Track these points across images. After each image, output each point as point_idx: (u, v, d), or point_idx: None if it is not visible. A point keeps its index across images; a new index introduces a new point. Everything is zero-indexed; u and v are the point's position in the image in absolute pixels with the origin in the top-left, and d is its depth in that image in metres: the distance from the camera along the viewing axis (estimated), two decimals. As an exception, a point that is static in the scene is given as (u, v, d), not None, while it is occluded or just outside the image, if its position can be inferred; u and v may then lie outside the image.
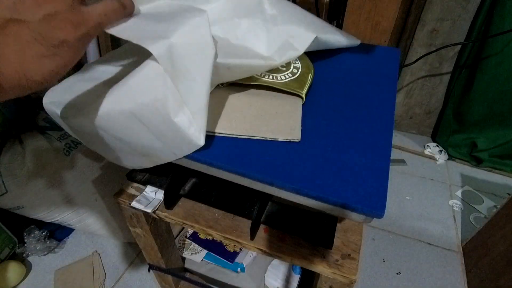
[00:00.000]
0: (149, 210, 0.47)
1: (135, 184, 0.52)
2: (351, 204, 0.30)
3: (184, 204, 0.50)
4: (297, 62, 0.48)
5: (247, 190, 0.37)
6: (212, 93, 0.44)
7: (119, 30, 0.29)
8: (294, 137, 0.36)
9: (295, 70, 0.47)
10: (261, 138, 0.37)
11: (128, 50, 0.50)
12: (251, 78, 0.44)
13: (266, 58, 0.42)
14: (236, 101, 0.43)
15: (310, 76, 0.47)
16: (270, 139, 0.37)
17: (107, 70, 0.44)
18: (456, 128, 1.43)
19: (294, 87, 0.44)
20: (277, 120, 0.39)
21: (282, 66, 0.46)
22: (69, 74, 0.37)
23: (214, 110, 0.41)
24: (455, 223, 1.15)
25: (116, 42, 1.64)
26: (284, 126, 0.38)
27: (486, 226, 0.93)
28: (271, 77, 0.45)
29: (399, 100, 1.52)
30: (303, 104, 0.44)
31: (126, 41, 0.34)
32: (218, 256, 0.88)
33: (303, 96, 0.43)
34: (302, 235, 0.44)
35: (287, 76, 0.45)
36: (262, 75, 0.45)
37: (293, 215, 0.45)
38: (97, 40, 1.41)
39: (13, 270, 0.93)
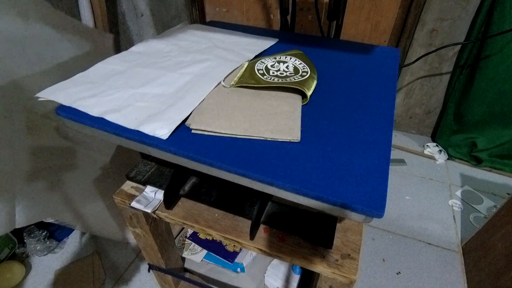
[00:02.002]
0: (149, 210, 0.47)
1: (135, 184, 0.52)
2: (351, 204, 0.30)
3: (184, 204, 0.50)
4: (305, 68, 0.50)
5: (247, 190, 0.37)
6: (212, 94, 0.44)
7: None
8: (294, 137, 0.36)
9: (304, 73, 0.49)
10: (260, 138, 0.37)
11: (123, 57, 0.55)
12: (260, 81, 0.46)
13: None
14: (236, 101, 0.43)
15: (315, 83, 0.48)
16: (269, 139, 0.37)
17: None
18: (456, 128, 1.43)
19: (303, 85, 0.45)
20: (277, 120, 0.39)
21: (290, 73, 0.49)
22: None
23: (214, 110, 0.41)
24: (455, 223, 1.16)
25: (115, 43, 1.64)
26: (284, 126, 0.38)
27: (486, 226, 0.93)
28: (280, 80, 0.47)
29: (399, 100, 1.53)
30: (304, 105, 0.44)
31: (126, 46, 0.37)
32: (218, 256, 0.88)
33: (308, 95, 0.44)
34: (302, 235, 0.44)
35: (296, 78, 0.47)
36: (271, 79, 0.47)
37: (293, 215, 0.45)
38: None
39: (13, 270, 0.92)
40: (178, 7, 1.52)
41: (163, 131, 0.37)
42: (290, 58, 0.53)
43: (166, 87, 0.45)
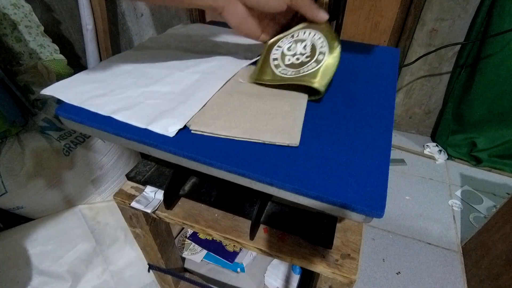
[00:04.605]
0: (148, 210, 0.47)
1: (135, 184, 0.52)
2: (351, 204, 0.30)
3: (184, 204, 0.50)
4: (324, 46, 0.44)
5: (247, 190, 0.36)
6: (215, 95, 0.44)
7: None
8: (292, 142, 0.36)
9: (320, 57, 0.43)
10: (259, 141, 0.36)
11: (127, 56, 0.54)
12: (274, 77, 0.44)
13: None
14: (237, 102, 0.43)
15: (335, 64, 0.43)
16: (268, 143, 0.36)
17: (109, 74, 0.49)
18: (456, 128, 1.43)
19: (313, 78, 0.41)
20: (278, 123, 0.38)
21: (307, 56, 0.44)
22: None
23: (214, 111, 0.41)
24: (454, 223, 1.16)
25: (115, 43, 1.64)
26: (284, 130, 0.37)
27: (486, 226, 0.93)
28: (294, 72, 0.43)
29: (398, 100, 1.53)
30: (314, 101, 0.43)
31: (126, 46, 0.37)
32: (218, 256, 0.88)
33: (323, 90, 0.41)
34: (302, 235, 0.44)
35: (309, 68, 0.42)
36: (285, 72, 0.44)
37: (293, 215, 0.45)
38: (97, 40, 1.42)
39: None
40: (178, 7, 1.52)
41: (175, 127, 0.37)
42: (309, 34, 0.46)
43: (175, 85, 0.45)
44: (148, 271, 0.70)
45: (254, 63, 0.51)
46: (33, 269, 0.80)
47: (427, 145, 1.51)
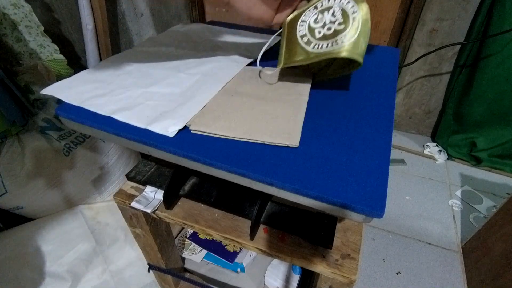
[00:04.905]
0: (148, 210, 0.47)
1: (135, 184, 0.52)
2: (351, 204, 0.30)
3: (184, 204, 0.50)
4: (354, 7, 0.38)
5: (247, 190, 0.37)
6: (215, 96, 0.44)
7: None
8: (292, 143, 0.36)
9: (354, 22, 0.38)
10: (259, 142, 0.36)
11: (128, 56, 0.54)
12: (308, 54, 0.40)
13: None
14: (238, 103, 0.43)
15: (368, 26, 0.38)
16: (268, 143, 0.36)
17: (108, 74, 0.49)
18: (456, 128, 1.43)
19: (353, 48, 0.38)
20: (278, 124, 0.38)
21: (339, 23, 0.39)
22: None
23: (215, 112, 0.41)
24: (454, 223, 1.16)
25: (115, 43, 1.64)
26: (284, 130, 0.37)
27: (486, 226, 0.93)
28: (329, 44, 0.39)
29: (398, 100, 1.53)
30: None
31: (126, 46, 0.37)
32: (218, 256, 0.88)
33: (361, 60, 0.38)
34: (302, 235, 0.44)
35: (346, 37, 0.38)
36: (319, 47, 0.40)
37: (293, 215, 0.45)
38: (97, 40, 1.42)
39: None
40: (178, 7, 1.52)
41: (175, 128, 0.37)
42: (334, 0, 0.40)
43: (175, 87, 0.45)
44: (148, 271, 0.70)
45: (269, 64, 0.50)
46: (33, 269, 0.80)
47: (427, 145, 1.52)
